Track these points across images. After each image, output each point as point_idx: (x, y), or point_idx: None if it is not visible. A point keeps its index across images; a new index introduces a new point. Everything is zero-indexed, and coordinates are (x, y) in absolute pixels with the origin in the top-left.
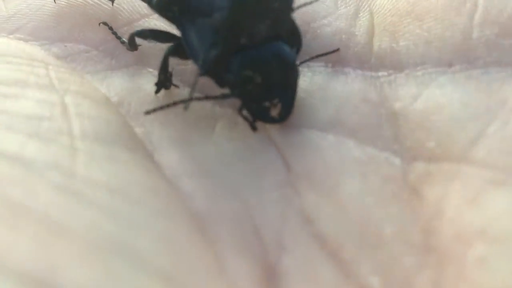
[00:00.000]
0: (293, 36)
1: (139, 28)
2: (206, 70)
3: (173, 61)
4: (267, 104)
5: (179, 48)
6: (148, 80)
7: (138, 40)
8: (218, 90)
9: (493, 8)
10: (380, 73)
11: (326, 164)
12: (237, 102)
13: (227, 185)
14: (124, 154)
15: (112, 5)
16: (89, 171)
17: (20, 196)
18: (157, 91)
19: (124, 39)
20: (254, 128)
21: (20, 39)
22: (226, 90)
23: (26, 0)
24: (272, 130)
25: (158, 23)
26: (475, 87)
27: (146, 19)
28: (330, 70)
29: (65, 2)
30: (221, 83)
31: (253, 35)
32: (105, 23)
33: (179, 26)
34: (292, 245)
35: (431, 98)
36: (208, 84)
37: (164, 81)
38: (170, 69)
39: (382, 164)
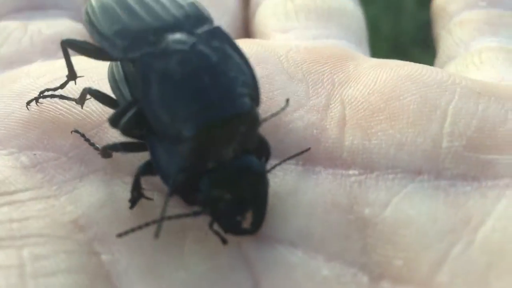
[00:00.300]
0: (261, 146)
1: (109, 132)
2: (175, 191)
3: None
4: (238, 218)
5: (149, 167)
6: (119, 190)
7: None
8: None
9: (461, 120)
10: (351, 171)
11: (294, 284)
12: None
13: None
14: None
15: (82, 108)
16: None
17: None
18: (131, 207)
19: (97, 146)
20: (224, 242)
21: None
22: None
23: None
24: (244, 243)
25: None
26: (442, 201)
27: None
28: (301, 169)
29: (35, 109)
30: (191, 202)
31: (220, 158)
32: (76, 131)
33: (147, 144)
34: None
35: (400, 208)
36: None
37: (137, 198)
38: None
39: (349, 283)
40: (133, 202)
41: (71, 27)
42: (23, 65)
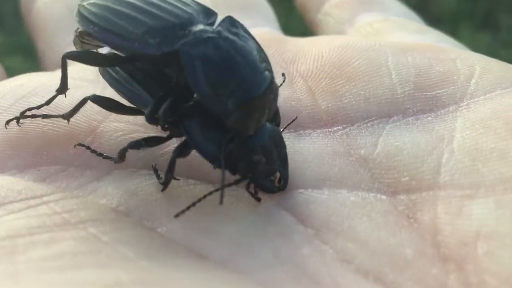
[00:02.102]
0: (275, 114)
1: (104, 137)
2: (221, 163)
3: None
4: (272, 178)
5: (185, 149)
6: (140, 180)
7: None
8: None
9: (402, 70)
10: (335, 128)
11: (335, 214)
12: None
13: (265, 251)
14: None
15: (68, 122)
16: None
17: None
18: (163, 189)
19: (106, 154)
20: (259, 200)
21: None
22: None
23: None
24: (274, 196)
25: (120, 125)
26: (416, 131)
27: (104, 124)
28: (294, 135)
29: (15, 129)
30: (233, 170)
31: (258, 126)
32: (81, 144)
33: (184, 129)
34: (348, 284)
35: (387, 144)
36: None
37: (170, 180)
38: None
39: (375, 202)
40: (166, 184)
41: None
42: None
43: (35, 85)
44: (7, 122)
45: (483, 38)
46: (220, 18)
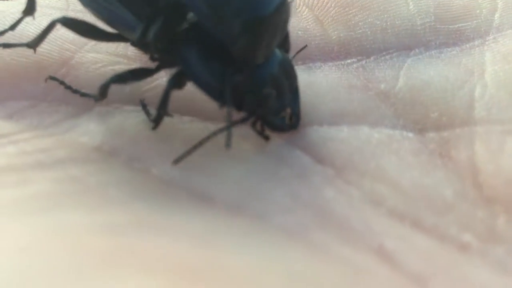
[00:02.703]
0: (285, 39)
1: (81, 68)
2: (226, 100)
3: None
4: (283, 114)
5: (180, 79)
6: (126, 117)
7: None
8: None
9: (420, 1)
10: (349, 61)
11: (357, 152)
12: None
13: (282, 194)
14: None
15: (35, 52)
16: None
17: None
18: (155, 127)
19: (84, 91)
20: (267, 138)
21: None
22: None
23: None
24: (286, 136)
25: (98, 56)
26: (441, 64)
27: (79, 54)
28: (303, 67)
29: None
30: (239, 106)
31: (268, 52)
32: (52, 77)
33: (179, 55)
34: (383, 229)
35: (410, 77)
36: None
37: (163, 116)
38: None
39: (402, 140)
40: (158, 120)
41: None
42: None
43: None
44: None
45: None
46: None
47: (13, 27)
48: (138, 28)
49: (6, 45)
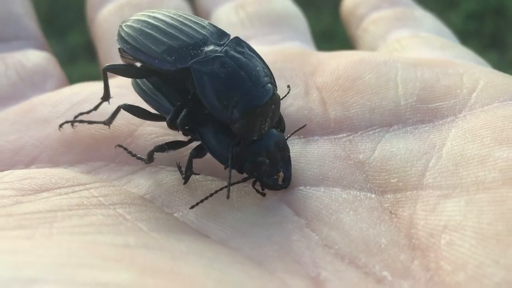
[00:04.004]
0: (280, 121)
1: (141, 139)
2: (231, 165)
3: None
4: (276, 177)
5: (199, 151)
6: (166, 175)
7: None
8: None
9: (408, 84)
10: (340, 135)
11: (326, 208)
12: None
13: (260, 234)
14: (182, 235)
15: (109, 128)
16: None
17: None
18: (185, 183)
19: (139, 156)
20: (263, 195)
21: (40, 167)
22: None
23: (25, 134)
24: (279, 193)
25: (154, 129)
26: (411, 139)
27: (141, 127)
28: (303, 140)
29: (70, 131)
30: (239, 170)
31: (261, 132)
32: (120, 146)
33: (198, 134)
34: (324, 264)
35: (384, 149)
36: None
37: (190, 175)
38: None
39: (364, 200)
40: (187, 178)
41: (43, 56)
42: (20, 100)
43: (87, 94)
44: (61, 125)
45: (490, 57)
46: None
47: (95, 108)
48: (169, 115)
49: (91, 122)
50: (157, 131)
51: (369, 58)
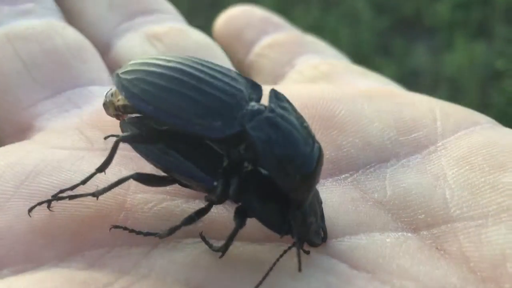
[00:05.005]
0: None
1: (137, 212)
2: (287, 231)
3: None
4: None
5: (245, 220)
6: (190, 250)
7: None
8: None
9: (382, 118)
10: (342, 176)
11: (380, 256)
12: None
13: None
14: None
15: (97, 199)
16: None
17: None
18: (222, 255)
19: (147, 231)
20: (308, 253)
21: (17, 271)
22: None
23: None
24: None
25: (145, 195)
26: (414, 172)
27: (129, 197)
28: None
29: (39, 216)
30: (286, 233)
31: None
32: (116, 226)
33: (247, 205)
34: None
35: (395, 186)
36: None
37: (228, 247)
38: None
39: (406, 241)
40: (225, 251)
41: None
42: None
43: (34, 162)
44: (30, 210)
45: (478, 47)
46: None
47: (84, 182)
48: (200, 179)
49: (72, 197)
50: (151, 198)
51: (325, 93)
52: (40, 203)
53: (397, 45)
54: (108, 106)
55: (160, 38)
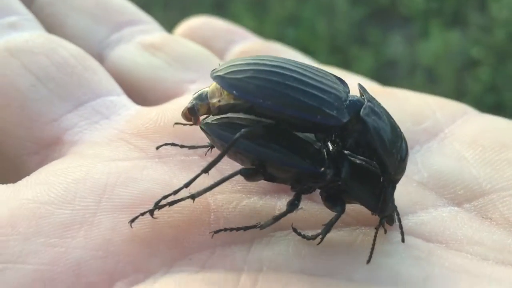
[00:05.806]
0: None
1: (224, 210)
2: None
3: None
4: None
5: (345, 208)
6: (293, 243)
7: None
8: None
9: (394, 110)
10: None
11: (447, 228)
12: None
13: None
14: None
15: (193, 201)
16: None
17: None
18: (321, 241)
19: (246, 226)
20: (385, 231)
21: (130, 283)
22: None
23: (66, 247)
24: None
25: (223, 196)
26: (437, 156)
27: (208, 199)
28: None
29: (140, 225)
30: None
31: None
32: (218, 231)
33: (348, 187)
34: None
35: (428, 168)
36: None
37: (327, 233)
38: None
39: (457, 214)
40: (323, 238)
41: None
42: None
43: (104, 176)
44: (132, 221)
45: (453, 35)
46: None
47: (187, 185)
48: (324, 172)
49: (172, 203)
50: (231, 198)
51: None
52: (142, 214)
53: (373, 34)
54: (199, 108)
55: (159, 48)
